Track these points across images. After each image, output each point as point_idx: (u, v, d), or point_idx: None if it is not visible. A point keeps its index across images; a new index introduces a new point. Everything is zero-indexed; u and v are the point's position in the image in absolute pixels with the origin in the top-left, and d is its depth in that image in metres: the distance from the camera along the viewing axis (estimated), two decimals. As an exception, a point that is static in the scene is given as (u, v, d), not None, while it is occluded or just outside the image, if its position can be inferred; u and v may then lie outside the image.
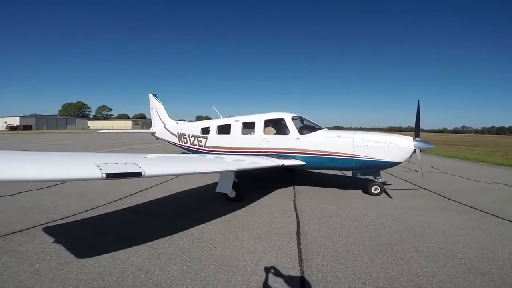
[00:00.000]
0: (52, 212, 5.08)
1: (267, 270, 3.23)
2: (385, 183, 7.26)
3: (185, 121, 12.78)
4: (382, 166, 6.57)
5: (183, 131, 9.73)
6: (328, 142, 6.70)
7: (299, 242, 4.01)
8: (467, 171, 11.48)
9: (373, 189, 6.73)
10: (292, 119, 7.24)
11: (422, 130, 8.09)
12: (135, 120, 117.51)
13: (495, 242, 4.15)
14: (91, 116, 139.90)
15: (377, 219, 5.07)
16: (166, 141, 10.84)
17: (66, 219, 4.74)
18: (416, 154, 6.38)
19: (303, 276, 3.14)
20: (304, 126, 7.41)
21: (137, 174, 3.12)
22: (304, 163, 6.87)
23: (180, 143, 9.91)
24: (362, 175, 6.95)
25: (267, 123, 7.66)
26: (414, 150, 6.34)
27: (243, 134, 7.87)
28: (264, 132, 7.49)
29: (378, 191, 6.72)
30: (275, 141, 7.28)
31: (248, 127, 7.84)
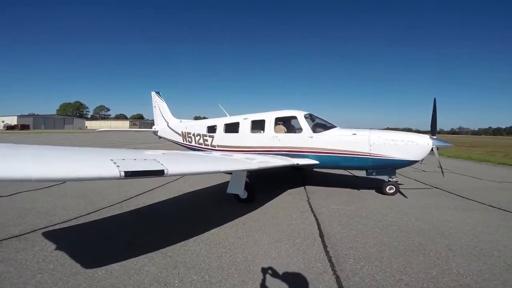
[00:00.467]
0: (51, 214, 4.69)
1: (297, 276, 2.93)
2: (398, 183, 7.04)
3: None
4: (399, 165, 6.34)
5: (188, 130, 9.35)
6: (343, 141, 6.43)
7: (325, 245, 3.73)
8: (474, 171, 11.40)
9: (387, 188, 6.53)
10: (304, 117, 6.97)
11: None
12: (133, 120, 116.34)
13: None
14: (89, 116, 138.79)
15: (399, 219, 4.86)
16: (169, 140, 10.43)
17: (67, 223, 4.36)
18: (434, 152, 6.17)
19: (339, 280, 2.86)
20: (316, 124, 7.10)
21: (159, 173, 2.69)
22: (317, 162, 6.59)
23: (184, 142, 9.53)
24: (377, 175, 6.70)
25: (278, 121, 7.35)
26: (431, 149, 6.14)
27: (252, 132, 7.52)
28: (274, 130, 7.19)
29: (393, 191, 6.52)
30: (287, 139, 6.98)
31: (257, 125, 7.49)
